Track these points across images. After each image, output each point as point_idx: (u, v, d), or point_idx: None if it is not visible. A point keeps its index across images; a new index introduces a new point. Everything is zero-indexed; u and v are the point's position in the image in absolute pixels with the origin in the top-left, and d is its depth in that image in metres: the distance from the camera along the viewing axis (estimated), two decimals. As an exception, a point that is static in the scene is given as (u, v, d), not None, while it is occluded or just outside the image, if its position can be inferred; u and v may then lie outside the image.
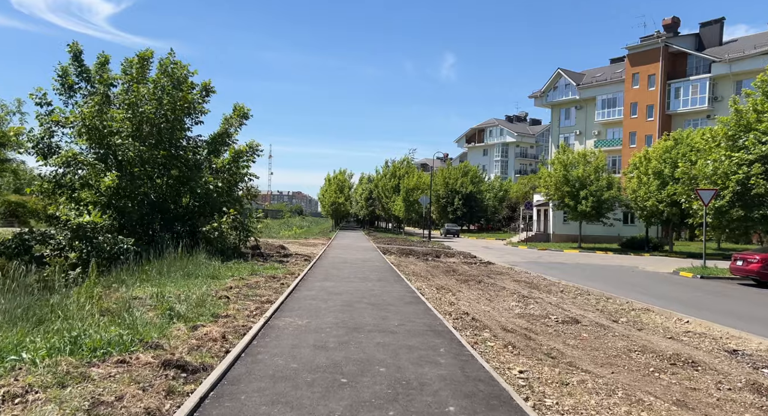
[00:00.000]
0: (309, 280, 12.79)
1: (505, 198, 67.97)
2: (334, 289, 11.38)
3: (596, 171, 35.32)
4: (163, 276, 10.44)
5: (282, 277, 12.67)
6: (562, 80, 66.69)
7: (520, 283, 16.19)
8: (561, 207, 36.71)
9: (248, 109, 20.89)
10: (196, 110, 19.46)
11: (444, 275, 17.61)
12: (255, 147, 21.00)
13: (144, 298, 8.26)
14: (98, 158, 15.84)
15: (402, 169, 55.39)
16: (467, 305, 11.36)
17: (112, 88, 16.70)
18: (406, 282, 13.99)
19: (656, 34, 56.08)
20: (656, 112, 54.85)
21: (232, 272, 12.70)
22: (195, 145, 20.21)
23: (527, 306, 11.31)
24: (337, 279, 13.54)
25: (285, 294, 10.05)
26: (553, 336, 8.42)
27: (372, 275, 15.08)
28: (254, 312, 8.05)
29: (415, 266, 20.34)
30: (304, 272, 14.26)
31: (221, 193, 18.13)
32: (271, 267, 14.51)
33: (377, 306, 9.62)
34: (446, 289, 13.71)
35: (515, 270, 20.39)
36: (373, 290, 11.81)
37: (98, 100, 15.65)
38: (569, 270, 22.14)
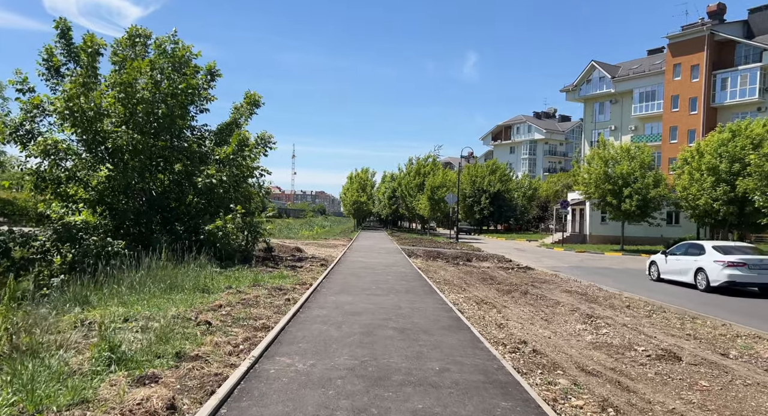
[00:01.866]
0: (322, 293, 10.51)
1: (535, 197, 64.84)
2: (352, 307, 9.08)
3: (641, 167, 32.27)
4: (134, 290, 8.27)
5: (289, 289, 10.44)
6: (596, 73, 63.25)
7: (573, 295, 13.66)
8: (601, 206, 33.75)
9: (260, 96, 18.80)
10: (201, 97, 17.42)
11: (481, 284, 15.18)
12: (267, 139, 18.87)
13: (93, 324, 6.11)
14: (85, 147, 13.86)
15: (427, 166, 52.86)
16: (520, 327, 8.95)
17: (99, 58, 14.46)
18: (440, 295, 11.62)
19: (700, 22, 52.37)
20: (700, 104, 51.14)
21: (230, 282, 10.53)
22: (200, 136, 18.19)
23: (598, 331, 8.82)
24: (356, 291, 11.24)
25: (288, 315, 7.79)
26: (658, 384, 5.96)
27: (398, 285, 12.74)
28: (239, 348, 5.81)
29: (445, 272, 17.94)
30: (318, 282, 12.00)
31: (227, 188, 16.00)
32: (278, 276, 12.29)
33: (407, 333, 7.28)
34: (489, 304, 11.30)
35: (561, 278, 17.81)
36: (401, 307, 9.47)
37: (83, 73, 13.55)
38: (621, 277, 19.43)
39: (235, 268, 13.61)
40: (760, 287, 14.86)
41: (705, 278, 15.31)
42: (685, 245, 17.55)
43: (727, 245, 16.14)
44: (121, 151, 13.67)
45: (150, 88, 15.00)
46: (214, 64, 18.30)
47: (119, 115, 13.99)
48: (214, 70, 18.27)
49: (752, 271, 14.48)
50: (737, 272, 14.53)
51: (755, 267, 14.46)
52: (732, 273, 14.56)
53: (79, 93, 13.06)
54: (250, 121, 18.60)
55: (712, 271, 15.05)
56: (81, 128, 13.35)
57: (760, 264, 14.51)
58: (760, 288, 14.86)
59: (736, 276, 14.54)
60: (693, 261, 16.04)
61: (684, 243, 17.90)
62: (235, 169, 16.02)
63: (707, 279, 15.17)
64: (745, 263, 14.52)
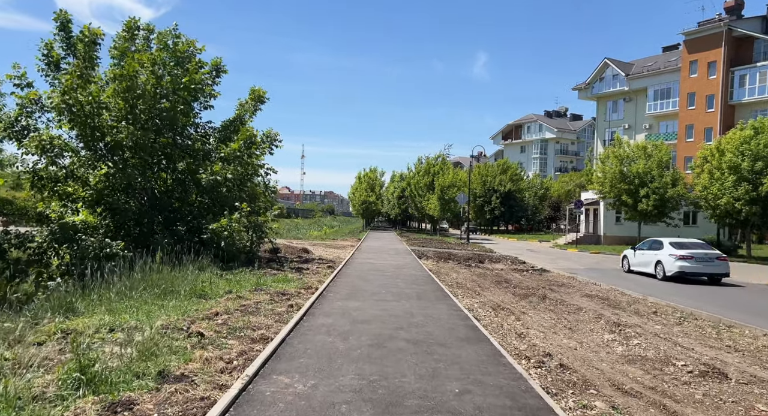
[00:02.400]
0: (328, 298, 9.84)
1: (546, 197, 63.82)
2: (360, 314, 8.39)
3: (659, 166, 31.30)
4: (124, 296, 7.61)
5: (293, 294, 9.78)
6: (609, 70, 62.10)
7: (594, 300, 12.89)
8: (617, 206, 32.82)
9: (264, 91, 18.19)
10: (205, 93, 16.84)
11: (495, 287, 14.45)
12: (273, 136, 18.26)
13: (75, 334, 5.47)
14: (84, 143, 13.30)
15: (436, 165, 52.03)
16: (542, 337, 8.23)
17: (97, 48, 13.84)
18: (453, 300, 10.90)
19: (717, 18, 51.20)
20: (717, 102, 49.93)
21: (231, 286, 9.88)
22: (204, 133, 17.62)
23: (629, 341, 8.07)
24: (364, 296, 10.55)
25: (291, 323, 7.13)
26: (709, 408, 5.22)
27: (409, 289, 12.05)
28: (232, 365, 5.16)
29: (457, 274, 17.22)
30: (324, 285, 11.33)
31: (231, 186, 15.39)
32: (282, 279, 11.63)
33: (421, 346, 6.58)
34: (506, 310, 10.57)
35: (579, 281, 17.02)
36: (413, 314, 8.77)
37: (80, 64, 12.96)
38: (642, 280, 18.58)
39: (238, 270, 12.98)
40: (707, 276, 17.58)
41: (662, 269, 17.97)
42: (649, 242, 20.04)
43: (681, 241, 18.66)
44: (120, 147, 13.10)
45: (152, 82, 14.44)
46: (219, 60, 17.73)
47: (119, 109, 13.43)
48: (220, 65, 17.70)
49: (698, 263, 17.22)
50: (686, 264, 17.20)
51: (701, 259, 17.27)
52: (682, 264, 17.23)
53: (76, 85, 12.51)
54: (255, 117, 17.98)
55: (667, 263, 17.72)
56: (79, 123, 12.80)
57: (704, 257, 17.34)
58: (708, 276, 17.60)
59: (686, 268, 17.19)
60: (654, 255, 18.64)
61: (648, 240, 20.43)
62: (240, 166, 15.41)
63: (664, 270, 17.88)
64: (693, 256, 17.24)
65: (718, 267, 17.34)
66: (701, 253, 17.43)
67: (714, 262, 17.35)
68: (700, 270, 17.26)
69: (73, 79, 12.33)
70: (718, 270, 17.37)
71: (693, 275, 17.40)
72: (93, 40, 13.40)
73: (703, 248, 18.14)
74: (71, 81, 12.29)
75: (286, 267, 14.53)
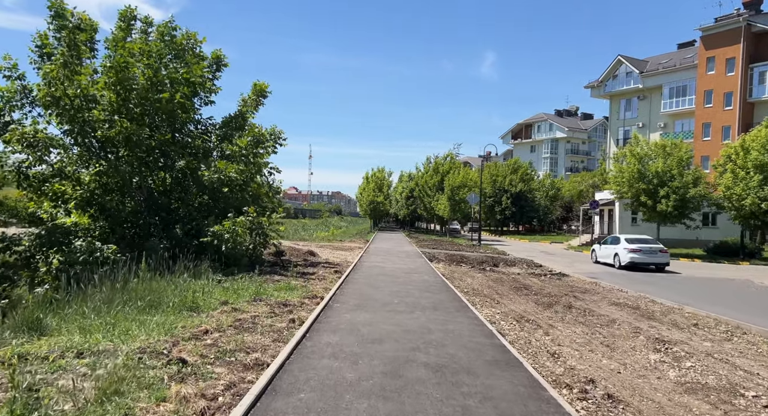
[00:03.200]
0: (334, 310, 8.85)
1: (558, 197, 62.50)
2: (371, 330, 7.39)
3: (679, 164, 30.03)
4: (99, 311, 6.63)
5: (296, 305, 8.79)
6: (622, 68, 60.71)
7: (624, 309, 11.83)
8: (634, 206, 31.57)
9: (267, 85, 17.25)
10: (205, 88, 15.92)
11: (515, 294, 13.41)
12: (278, 134, 17.32)
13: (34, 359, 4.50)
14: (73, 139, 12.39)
15: (445, 165, 50.89)
16: (578, 357, 7.20)
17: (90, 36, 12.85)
18: (472, 311, 9.88)
19: (736, 13, 49.75)
20: (736, 99, 48.49)
21: (227, 295, 8.90)
22: (205, 130, 16.71)
23: (680, 363, 7.02)
24: (374, 306, 9.54)
25: (291, 343, 6.14)
26: (809, 461, 4.18)
27: (423, 298, 11.03)
28: (216, 404, 4.17)
29: (472, 279, 16.19)
30: (330, 294, 10.33)
31: (234, 186, 14.44)
32: (285, 286, 10.63)
33: (444, 373, 5.57)
34: (532, 322, 9.54)
35: (602, 287, 15.94)
36: (430, 329, 7.76)
37: (63, 53, 12.03)
38: (668, 284, 17.47)
39: (238, 276, 12.04)
40: (655, 265, 21.56)
41: (618, 260, 22.10)
42: (611, 238, 24.25)
43: (634, 238, 22.79)
44: (112, 143, 12.19)
45: (148, 74, 13.54)
46: (220, 52, 16.84)
47: (111, 102, 12.51)
48: (221, 58, 16.80)
49: (645, 255, 21.26)
50: (636, 255, 21.24)
51: (647, 252, 21.29)
52: (633, 256, 21.28)
53: (62, 76, 11.62)
54: (257, 113, 17.05)
55: (621, 255, 21.84)
56: (68, 118, 11.90)
57: (650, 250, 21.30)
58: (656, 265, 21.60)
59: (635, 258, 21.22)
60: (613, 248, 22.77)
61: (610, 237, 24.72)
62: (244, 165, 14.47)
63: (619, 260, 22.00)
64: (641, 249, 21.27)
65: (661, 258, 21.41)
66: (647, 247, 21.48)
67: (657, 254, 21.38)
68: (646, 260, 21.30)
69: (58, 69, 11.44)
70: (661, 261, 21.45)
71: (641, 264, 21.40)
72: (77, 26, 12.44)
73: (650, 243, 22.05)
74: (55, 71, 11.42)
75: (290, 273, 13.57)
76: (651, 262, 21.40)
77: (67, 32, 12.25)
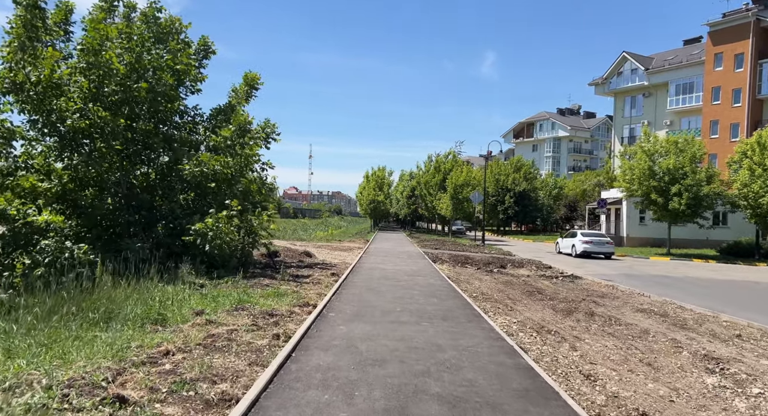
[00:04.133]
0: (328, 320, 7.64)
1: (561, 196, 61.28)
2: (371, 347, 6.18)
3: (692, 161, 28.82)
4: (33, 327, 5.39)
5: (284, 315, 7.58)
6: (627, 65, 59.52)
7: (651, 317, 10.65)
8: (645, 205, 30.36)
9: (258, 76, 16.06)
10: (191, 76, 14.73)
11: (528, 299, 12.23)
12: (271, 128, 16.08)
13: None
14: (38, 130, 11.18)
15: (447, 163, 49.66)
16: (617, 378, 6.02)
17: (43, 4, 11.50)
18: (486, 321, 8.68)
19: (744, 8, 48.59)
20: (744, 96, 47.34)
21: (204, 303, 7.68)
22: (192, 121, 15.53)
23: (745, 389, 5.83)
24: (375, 315, 8.34)
25: (271, 368, 4.94)
26: None
27: (429, 304, 9.83)
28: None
29: (480, 282, 15.01)
30: (325, 301, 9.12)
31: (222, 181, 13.22)
32: (274, 292, 9.41)
33: (464, 410, 4.37)
34: (554, 334, 8.35)
35: (620, 290, 14.76)
36: (440, 346, 6.56)
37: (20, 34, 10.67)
38: (688, 288, 16.30)
39: (223, 280, 10.86)
40: (603, 254, 26.77)
41: (575, 250, 27.27)
42: (570, 233, 29.78)
43: (587, 232, 28.87)
44: (84, 134, 10.97)
45: (126, 59, 12.35)
46: (207, 39, 15.66)
47: (82, 89, 11.31)
48: (209, 45, 15.62)
49: (595, 245, 26.58)
50: (588, 246, 26.50)
51: (597, 243, 26.64)
52: (585, 247, 26.49)
53: (20, 59, 10.41)
54: (248, 105, 15.87)
55: (577, 246, 27.01)
56: (30, 106, 10.70)
57: (599, 242, 26.71)
58: (604, 254, 26.81)
59: (588, 248, 26.47)
60: (571, 241, 27.98)
61: (570, 231, 31.00)
62: (231, 157, 13.27)
63: (575, 250, 27.20)
64: (592, 241, 26.64)
65: (608, 248, 26.81)
66: (597, 240, 27.10)
67: (605, 245, 26.84)
68: (596, 249, 26.67)
69: (13, 52, 10.24)
70: (608, 250, 26.84)
71: (593, 253, 26.73)
72: (34, 4, 11.09)
73: (600, 237, 27.86)
74: (10, 55, 10.23)
75: (281, 275, 12.38)
76: (600, 251, 26.74)
77: (22, 9, 10.96)
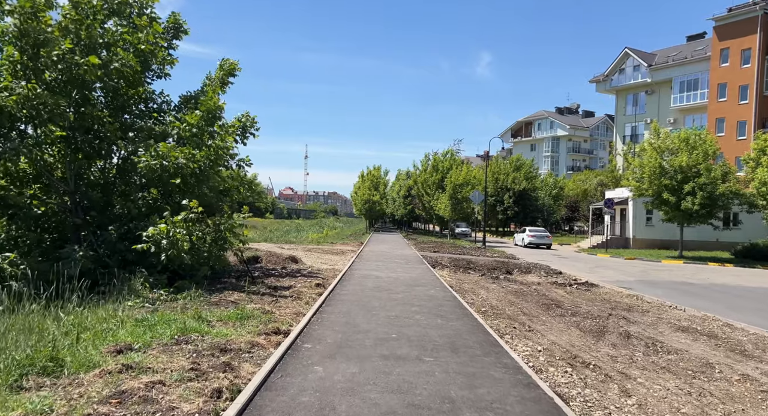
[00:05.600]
0: (301, 356, 5.74)
1: (561, 196, 59.52)
2: (352, 409, 4.29)
3: (706, 158, 27.07)
4: None
5: (242, 349, 5.65)
6: (629, 61, 57.96)
7: (698, 338, 8.85)
8: (656, 204, 28.59)
9: (236, 63, 14.15)
10: (158, 58, 12.83)
11: (546, 314, 10.40)
12: (250, 121, 14.14)
13: None
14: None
15: (446, 162, 47.80)
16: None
17: None
18: (508, 354, 6.79)
19: (752, 1, 47.00)
20: (752, 92, 45.81)
21: (135, 335, 5.62)
22: (159, 109, 13.63)
23: None
24: (363, 346, 6.43)
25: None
26: None
27: (432, 328, 7.94)
28: None
29: (487, 292, 13.17)
30: (302, 325, 7.22)
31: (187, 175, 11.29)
32: (237, 313, 7.40)
33: None
34: (592, 368, 6.51)
35: (646, 301, 12.97)
36: (454, 403, 4.66)
37: None
38: (719, 297, 14.54)
39: (181, 295, 8.96)
40: (544, 245, 35.43)
41: (524, 241, 36.34)
42: (523, 229, 39.26)
43: (533, 228, 38.26)
44: (12, 115, 9.05)
45: (71, 28, 10.44)
46: (178, 16, 13.78)
47: (14, 61, 9.40)
48: (180, 24, 13.73)
49: (537, 238, 35.44)
50: (532, 239, 35.49)
51: (539, 237, 35.62)
52: (530, 239, 35.56)
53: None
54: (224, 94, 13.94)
55: (526, 239, 36.05)
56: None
57: (540, 236, 35.68)
58: (545, 245, 35.43)
59: (532, 241, 35.41)
60: (521, 235, 37.52)
61: (523, 228, 40.13)
62: (198, 149, 11.37)
63: (524, 242, 36.16)
64: (535, 235, 35.74)
65: (547, 241, 35.56)
66: (539, 234, 36.12)
67: (545, 238, 35.59)
68: (538, 242, 35.28)
69: None
70: (547, 242, 35.58)
71: (535, 244, 35.26)
72: None
73: (542, 232, 36.89)
74: None
75: (257, 287, 10.48)
76: (541, 243, 35.50)
77: None
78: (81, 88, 10.71)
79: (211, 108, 11.59)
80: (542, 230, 38.03)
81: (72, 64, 10.13)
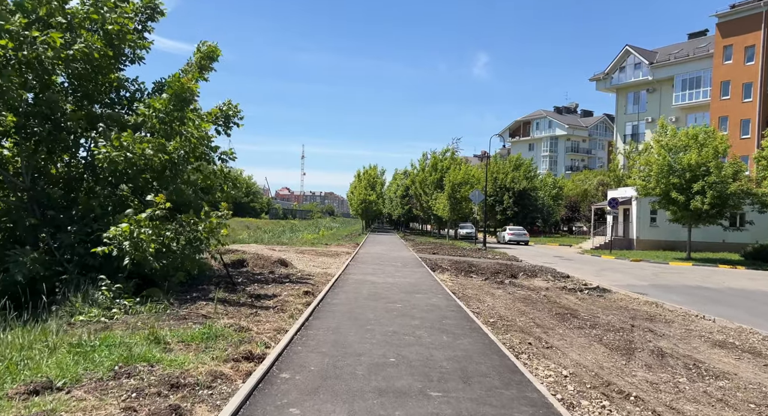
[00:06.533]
0: (274, 393, 4.49)
1: (560, 196, 58.43)
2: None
3: (716, 155, 25.96)
4: None
5: (200, 383, 4.43)
6: (630, 59, 56.93)
7: (740, 355, 7.75)
8: (664, 204, 27.46)
9: (215, 45, 12.91)
10: (128, 41, 11.58)
11: (562, 325, 9.23)
12: (233, 110, 12.92)
13: None
14: None
15: (445, 161, 46.61)
16: None
17: None
18: (531, 383, 5.61)
19: (755, -3, 45.95)
20: (756, 90, 44.84)
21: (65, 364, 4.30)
22: (131, 97, 12.39)
23: None
24: (354, 377, 5.19)
25: None
26: None
27: (437, 349, 6.73)
28: None
29: (493, 299, 12.00)
30: (281, 346, 6.00)
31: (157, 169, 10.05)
32: (203, 332, 6.07)
33: None
34: (632, 400, 5.37)
35: (668, 309, 11.82)
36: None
37: None
38: (743, 303, 13.42)
39: (145, 306, 7.73)
40: (523, 242, 41.26)
41: (504, 239, 42.28)
42: (505, 228, 44.73)
43: (513, 227, 43.75)
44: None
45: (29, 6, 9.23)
46: (154, -3, 12.51)
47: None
48: (155, 4, 12.48)
49: (515, 236, 41.63)
50: (511, 236, 41.68)
51: (517, 234, 41.78)
52: (510, 237, 41.72)
53: None
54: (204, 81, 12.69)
55: (506, 236, 42.28)
56: None
57: (519, 234, 41.84)
58: (524, 242, 41.30)
59: (511, 238, 41.57)
60: (504, 232, 43.46)
61: (505, 227, 45.26)
62: (168, 139, 10.13)
63: (505, 239, 42.11)
64: (514, 233, 42.00)
65: (524, 238, 41.43)
66: (517, 232, 41.95)
67: (523, 236, 41.46)
68: (517, 239, 41.03)
69: None
70: (524, 239, 41.32)
71: (515, 241, 40.87)
72: None
73: (520, 230, 42.37)
74: None
75: (239, 297, 9.26)
76: (519, 240, 40.86)
77: None
78: (40, 72, 9.47)
79: (179, 91, 10.31)
80: (520, 228, 43.23)
81: (26, 42, 8.89)
